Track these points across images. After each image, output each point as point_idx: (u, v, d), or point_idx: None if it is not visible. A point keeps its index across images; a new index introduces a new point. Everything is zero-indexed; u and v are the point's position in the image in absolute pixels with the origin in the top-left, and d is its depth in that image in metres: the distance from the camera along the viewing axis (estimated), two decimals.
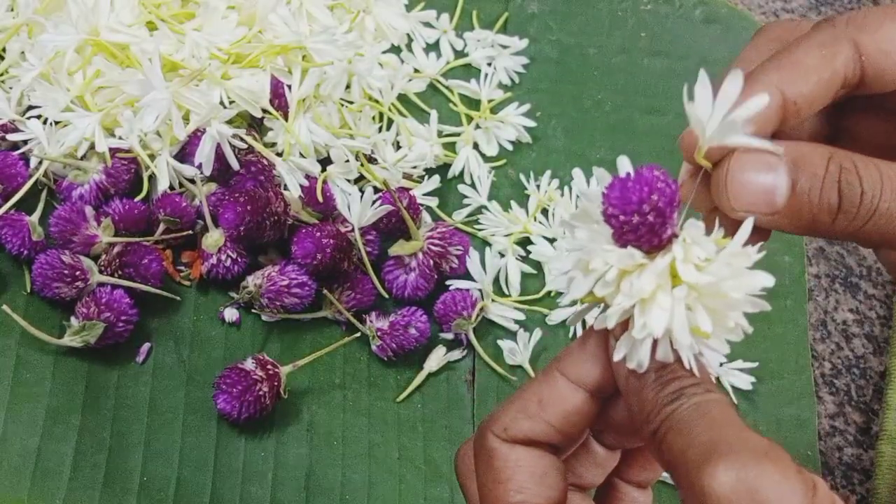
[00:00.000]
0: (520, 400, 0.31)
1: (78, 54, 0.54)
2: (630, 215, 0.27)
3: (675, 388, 0.28)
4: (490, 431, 0.31)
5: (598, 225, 0.28)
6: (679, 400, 0.28)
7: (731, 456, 0.25)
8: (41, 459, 0.48)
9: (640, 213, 0.27)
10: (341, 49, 0.57)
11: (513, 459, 0.31)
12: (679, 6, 0.70)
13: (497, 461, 0.31)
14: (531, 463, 0.31)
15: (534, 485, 0.30)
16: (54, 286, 0.50)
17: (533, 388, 0.31)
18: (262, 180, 0.54)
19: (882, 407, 0.59)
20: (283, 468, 0.51)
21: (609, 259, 0.28)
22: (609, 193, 0.27)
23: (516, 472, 0.31)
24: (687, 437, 0.27)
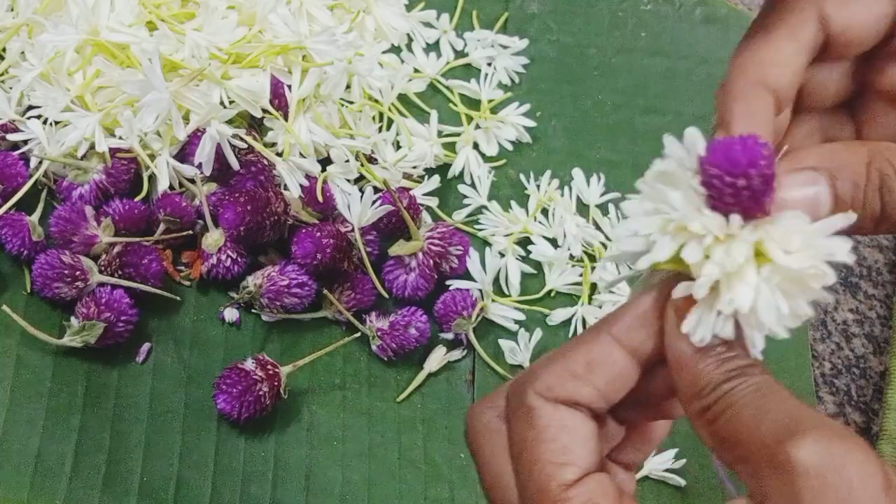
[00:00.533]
0: (565, 359, 0.30)
1: (78, 54, 0.54)
2: (736, 177, 0.26)
3: (734, 367, 0.27)
4: (532, 388, 0.29)
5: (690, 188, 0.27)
6: (738, 378, 0.27)
7: (816, 431, 0.25)
8: (41, 459, 0.48)
9: (747, 176, 0.26)
10: (341, 49, 0.57)
11: (557, 419, 0.29)
12: (679, 6, 0.70)
13: (540, 420, 0.29)
14: (577, 425, 0.29)
15: (579, 448, 0.29)
16: (54, 286, 0.50)
17: (581, 348, 0.30)
18: (262, 180, 0.54)
19: (882, 407, 0.59)
20: (283, 468, 0.51)
21: (710, 225, 0.26)
22: (712, 155, 0.26)
23: (561, 432, 0.29)
24: (757, 413, 0.26)
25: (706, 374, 0.28)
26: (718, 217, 0.27)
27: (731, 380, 0.27)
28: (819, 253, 0.26)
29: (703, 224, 0.27)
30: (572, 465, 0.29)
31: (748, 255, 0.26)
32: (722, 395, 0.27)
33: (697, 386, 0.28)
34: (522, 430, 0.30)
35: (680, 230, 0.27)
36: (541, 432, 0.29)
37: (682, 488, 0.54)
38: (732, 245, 0.26)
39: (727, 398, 0.27)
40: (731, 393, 0.27)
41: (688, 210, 0.27)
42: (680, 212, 0.27)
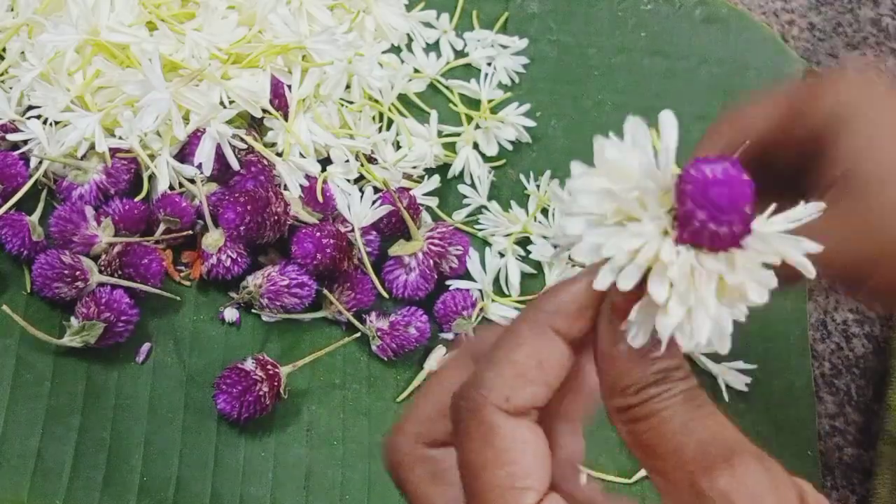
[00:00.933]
0: (514, 363, 0.27)
1: (78, 54, 0.54)
2: (719, 224, 0.24)
3: (661, 368, 0.26)
4: (490, 403, 0.27)
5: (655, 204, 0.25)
6: (665, 384, 0.26)
7: (740, 464, 0.25)
8: (41, 459, 0.48)
9: (729, 223, 0.24)
10: (341, 49, 0.57)
11: (519, 438, 0.27)
12: (679, 6, 0.70)
13: (500, 440, 0.27)
14: (535, 440, 0.27)
15: (538, 468, 0.27)
16: (54, 286, 0.50)
17: (526, 348, 0.27)
18: (262, 180, 0.54)
19: (882, 407, 0.59)
20: (283, 468, 0.51)
21: (679, 262, 0.25)
22: (690, 187, 0.25)
23: (522, 453, 0.27)
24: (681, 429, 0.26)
25: (632, 374, 0.27)
26: (687, 252, 0.25)
27: (657, 384, 0.26)
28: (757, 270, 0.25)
29: (671, 260, 0.25)
30: (531, 489, 0.27)
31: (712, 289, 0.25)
32: (647, 398, 0.26)
33: (622, 383, 0.27)
34: (478, 449, 0.27)
35: (631, 220, 0.26)
36: (500, 454, 0.27)
37: None
38: (699, 281, 0.25)
39: (651, 404, 0.26)
40: (657, 399, 0.26)
41: (655, 236, 0.25)
42: (645, 238, 0.25)
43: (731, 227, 0.25)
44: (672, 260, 0.25)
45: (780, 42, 0.70)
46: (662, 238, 0.25)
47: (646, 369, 0.26)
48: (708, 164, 0.25)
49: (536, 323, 0.28)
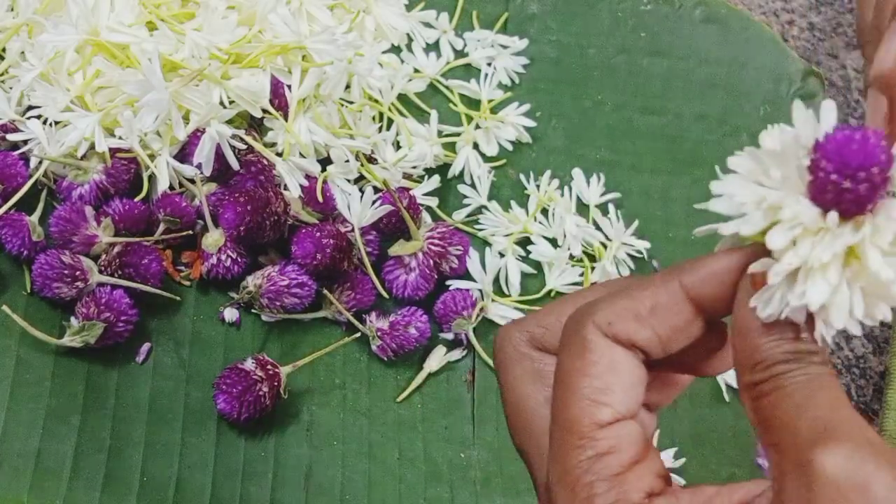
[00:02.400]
0: (630, 299, 0.29)
1: (78, 54, 0.54)
2: (843, 178, 0.25)
3: (794, 349, 0.27)
4: (591, 321, 0.29)
5: (796, 169, 0.26)
6: (795, 363, 0.27)
7: (849, 443, 0.25)
8: (41, 459, 0.48)
9: (855, 180, 0.25)
10: (341, 49, 0.57)
11: (609, 358, 0.28)
12: (679, 6, 0.70)
13: (593, 354, 0.28)
14: (627, 369, 0.29)
15: (622, 392, 0.28)
16: (54, 286, 0.50)
17: (648, 291, 0.29)
18: (262, 180, 0.54)
19: (882, 407, 0.59)
20: (283, 468, 0.51)
21: (803, 216, 0.25)
22: (826, 145, 0.25)
23: (609, 371, 0.28)
24: (800, 405, 0.26)
25: (765, 350, 0.27)
26: (814, 209, 0.26)
27: (787, 362, 0.27)
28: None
29: (796, 213, 0.25)
30: (609, 406, 0.28)
31: (836, 254, 0.25)
32: (774, 375, 0.27)
33: (754, 359, 0.27)
34: (572, 359, 0.29)
35: (773, 209, 0.26)
36: (588, 366, 0.29)
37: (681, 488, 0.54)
38: (821, 241, 0.25)
39: (778, 380, 0.27)
40: (783, 376, 0.27)
41: (786, 192, 0.26)
42: (777, 192, 0.26)
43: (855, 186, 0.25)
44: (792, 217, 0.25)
45: (780, 42, 0.70)
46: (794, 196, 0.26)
47: (778, 347, 0.27)
48: (842, 131, 0.25)
49: (666, 275, 0.29)
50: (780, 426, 0.26)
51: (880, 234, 0.25)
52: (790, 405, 0.26)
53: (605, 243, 0.60)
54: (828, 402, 0.26)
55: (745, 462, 0.56)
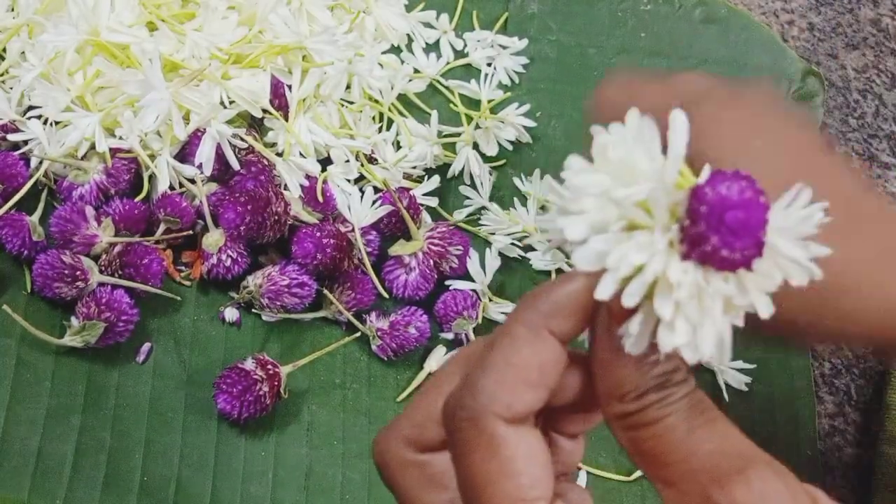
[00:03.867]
0: (515, 369, 0.26)
1: (78, 54, 0.54)
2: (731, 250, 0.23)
3: (660, 373, 0.26)
4: (490, 411, 0.26)
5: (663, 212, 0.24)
6: (666, 389, 0.26)
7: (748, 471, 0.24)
8: (41, 459, 0.48)
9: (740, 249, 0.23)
10: (341, 49, 0.57)
11: (524, 448, 0.26)
12: (679, 6, 0.70)
13: (506, 449, 0.26)
14: (539, 448, 0.26)
15: (545, 476, 0.26)
16: (55, 286, 0.50)
17: (525, 351, 0.26)
18: (262, 180, 0.54)
19: (882, 407, 0.59)
20: (283, 468, 0.51)
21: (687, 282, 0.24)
22: (705, 208, 0.23)
23: (528, 462, 0.26)
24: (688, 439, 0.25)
25: (631, 380, 0.26)
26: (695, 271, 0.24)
27: (658, 389, 0.26)
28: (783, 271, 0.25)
29: (679, 281, 0.24)
30: (541, 499, 0.26)
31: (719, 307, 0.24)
32: (647, 405, 0.26)
33: (621, 389, 0.26)
34: (482, 462, 0.26)
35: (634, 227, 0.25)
36: (506, 465, 0.26)
37: None
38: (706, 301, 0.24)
39: (652, 411, 0.26)
40: (658, 405, 0.26)
41: (662, 251, 0.24)
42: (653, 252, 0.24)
43: (743, 251, 0.24)
44: (681, 281, 0.24)
45: (780, 42, 0.70)
46: (669, 253, 0.24)
47: (645, 374, 0.26)
48: (724, 181, 0.24)
49: (532, 325, 0.27)
50: (671, 462, 0.25)
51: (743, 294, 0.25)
52: (676, 439, 0.25)
53: None
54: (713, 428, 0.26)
55: None
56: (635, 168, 0.25)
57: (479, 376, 0.27)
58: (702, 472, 0.25)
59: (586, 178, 0.25)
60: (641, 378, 0.26)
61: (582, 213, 0.25)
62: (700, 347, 0.24)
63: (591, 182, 0.25)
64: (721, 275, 0.24)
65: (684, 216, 0.24)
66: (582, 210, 0.25)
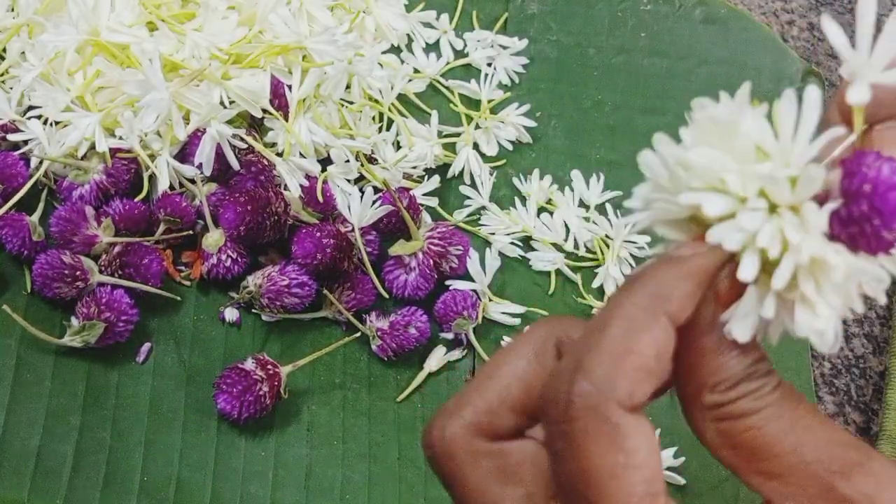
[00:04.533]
0: (635, 356, 0.25)
1: (78, 54, 0.54)
2: (890, 230, 0.23)
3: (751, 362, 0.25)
4: (612, 400, 0.24)
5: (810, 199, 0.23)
6: (759, 380, 0.25)
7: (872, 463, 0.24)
8: (41, 459, 0.48)
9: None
10: (341, 49, 0.57)
11: (645, 438, 0.25)
12: (679, 6, 0.70)
13: (631, 441, 0.24)
14: (655, 440, 0.25)
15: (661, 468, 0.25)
16: (54, 286, 0.50)
17: (645, 339, 0.25)
18: (262, 180, 0.54)
19: (882, 407, 0.59)
20: (283, 468, 0.51)
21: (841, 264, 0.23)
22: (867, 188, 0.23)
23: (651, 454, 0.25)
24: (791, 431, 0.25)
25: (728, 368, 0.25)
26: (846, 254, 0.24)
27: (750, 378, 0.25)
28: None
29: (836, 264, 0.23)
30: (662, 493, 0.25)
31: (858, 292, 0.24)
32: (743, 394, 0.25)
33: (716, 378, 0.25)
34: (604, 453, 0.24)
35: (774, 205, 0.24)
36: (632, 456, 0.24)
37: (681, 487, 0.55)
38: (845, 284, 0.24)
39: (747, 402, 0.25)
40: (752, 396, 0.25)
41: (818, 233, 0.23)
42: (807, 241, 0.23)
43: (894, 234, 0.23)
44: (836, 263, 0.23)
45: (780, 42, 0.70)
46: (820, 234, 0.24)
47: (739, 364, 0.25)
48: (881, 160, 0.23)
49: (650, 308, 0.25)
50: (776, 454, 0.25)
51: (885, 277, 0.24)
52: (780, 430, 0.25)
53: (605, 240, 0.60)
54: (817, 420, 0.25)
55: None
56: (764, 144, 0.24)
57: (596, 361, 0.25)
58: (818, 463, 0.25)
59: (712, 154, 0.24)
60: (737, 367, 0.25)
61: (716, 189, 0.24)
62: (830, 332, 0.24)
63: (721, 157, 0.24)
64: (870, 257, 0.24)
65: (834, 195, 0.23)
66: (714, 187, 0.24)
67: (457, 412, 0.28)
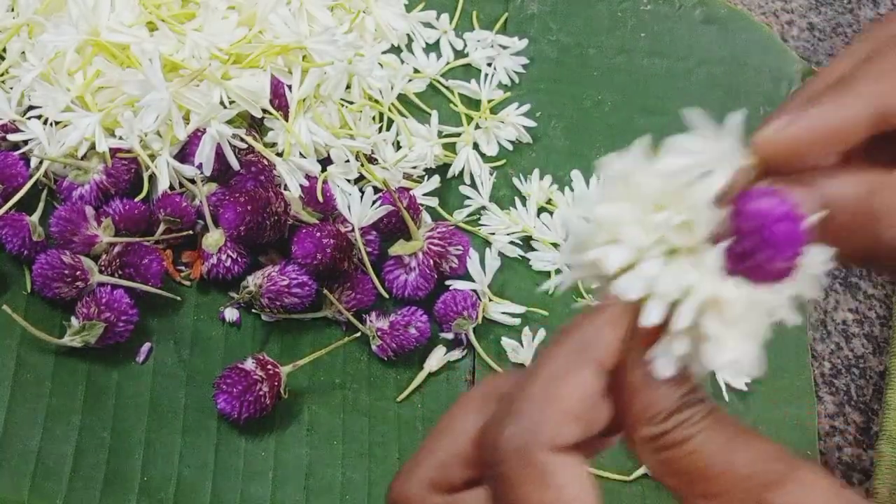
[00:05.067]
0: (559, 400, 0.27)
1: (78, 54, 0.54)
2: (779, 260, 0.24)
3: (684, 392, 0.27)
4: (539, 443, 0.26)
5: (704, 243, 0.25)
6: (692, 408, 0.27)
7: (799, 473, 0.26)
8: (41, 459, 0.48)
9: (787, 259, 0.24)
10: (341, 49, 0.57)
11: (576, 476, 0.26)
12: (679, 6, 0.70)
13: (559, 478, 0.26)
14: (586, 475, 0.27)
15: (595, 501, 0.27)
16: (54, 286, 0.50)
17: (570, 382, 0.27)
18: (262, 180, 0.54)
19: (882, 407, 0.59)
20: (283, 468, 0.51)
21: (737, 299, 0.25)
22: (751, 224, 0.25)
23: (581, 489, 0.26)
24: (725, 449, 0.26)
25: (661, 402, 0.27)
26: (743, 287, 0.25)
27: (684, 408, 0.27)
28: None
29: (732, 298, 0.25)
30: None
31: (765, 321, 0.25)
32: (678, 424, 0.27)
33: (650, 412, 0.27)
34: (535, 493, 0.26)
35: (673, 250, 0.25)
36: (561, 492, 0.26)
37: None
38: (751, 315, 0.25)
39: (683, 429, 0.27)
40: (688, 424, 0.27)
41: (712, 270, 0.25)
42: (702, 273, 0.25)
43: (788, 262, 0.25)
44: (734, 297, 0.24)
45: (780, 42, 0.70)
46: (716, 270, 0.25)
47: (671, 396, 0.27)
48: (765, 196, 0.25)
49: (575, 354, 0.27)
50: (713, 475, 0.26)
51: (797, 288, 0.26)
52: (713, 452, 0.26)
53: None
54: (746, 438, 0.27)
55: None
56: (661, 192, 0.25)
57: (523, 408, 0.27)
58: (749, 479, 0.26)
59: (614, 208, 0.26)
60: (668, 399, 0.27)
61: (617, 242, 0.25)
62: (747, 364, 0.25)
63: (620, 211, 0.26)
64: (765, 287, 0.25)
65: (727, 233, 0.25)
66: (616, 240, 0.25)
67: (413, 471, 0.30)
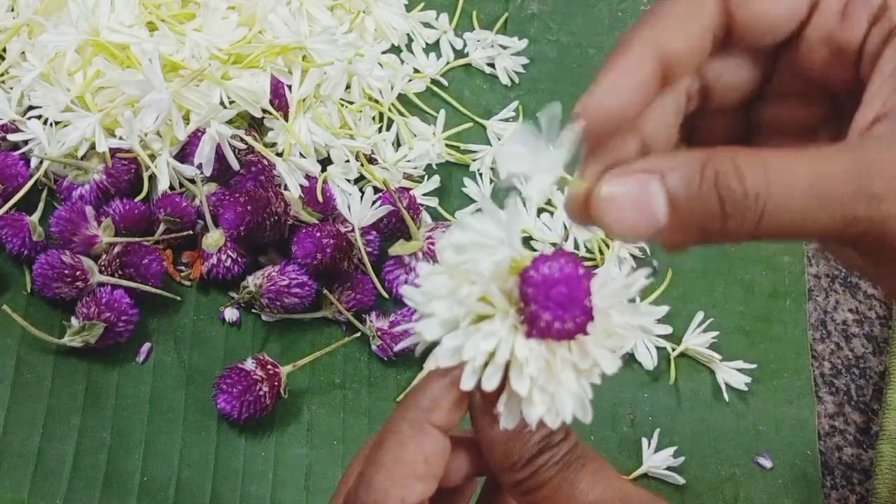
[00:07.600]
0: (404, 464, 0.29)
1: (78, 54, 0.54)
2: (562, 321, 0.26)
3: (540, 439, 0.28)
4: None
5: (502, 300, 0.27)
6: (548, 452, 0.28)
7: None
8: (41, 459, 0.48)
9: (571, 318, 0.26)
10: (341, 49, 0.57)
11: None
12: None
13: None
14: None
15: None
16: (55, 286, 0.50)
17: (411, 446, 0.29)
18: (262, 180, 0.54)
19: (882, 407, 0.59)
20: (283, 468, 0.51)
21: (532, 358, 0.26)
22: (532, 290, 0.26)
23: None
24: (576, 492, 0.28)
25: (517, 450, 0.28)
26: (539, 346, 0.26)
27: (541, 453, 0.28)
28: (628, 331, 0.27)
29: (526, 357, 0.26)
30: None
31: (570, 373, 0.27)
32: (535, 469, 0.28)
33: (510, 460, 0.28)
34: None
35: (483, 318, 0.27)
36: None
37: (681, 487, 0.55)
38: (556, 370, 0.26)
39: (541, 474, 0.28)
40: (545, 468, 0.28)
41: (507, 334, 0.26)
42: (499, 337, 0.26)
43: (574, 320, 0.26)
44: (527, 357, 0.26)
45: None
46: (515, 334, 0.27)
47: (526, 443, 0.28)
48: (545, 262, 0.26)
49: (416, 421, 0.29)
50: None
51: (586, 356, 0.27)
52: (566, 495, 0.28)
53: (606, 242, 0.60)
54: (596, 478, 0.28)
55: (744, 461, 0.56)
56: (474, 265, 0.27)
57: (371, 474, 0.29)
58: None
59: (434, 282, 0.27)
60: (524, 447, 0.28)
61: (433, 315, 0.27)
62: (561, 412, 0.27)
63: (437, 285, 0.27)
64: (563, 344, 0.27)
65: (518, 300, 0.26)
66: (433, 312, 0.27)
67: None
